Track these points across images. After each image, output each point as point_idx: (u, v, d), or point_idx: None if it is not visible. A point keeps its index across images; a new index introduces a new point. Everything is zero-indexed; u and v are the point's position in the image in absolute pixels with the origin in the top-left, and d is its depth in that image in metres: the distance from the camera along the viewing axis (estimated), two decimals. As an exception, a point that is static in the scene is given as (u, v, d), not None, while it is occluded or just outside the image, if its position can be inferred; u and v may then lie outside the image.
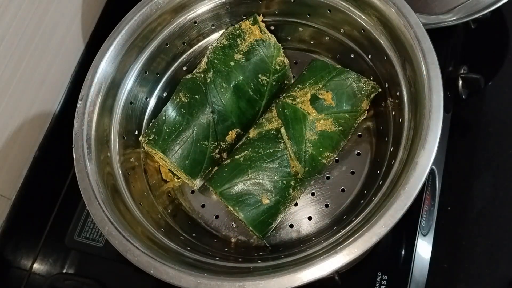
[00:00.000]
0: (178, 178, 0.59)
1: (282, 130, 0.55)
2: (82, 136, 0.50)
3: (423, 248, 0.55)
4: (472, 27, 0.65)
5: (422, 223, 0.55)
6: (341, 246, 0.41)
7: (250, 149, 0.55)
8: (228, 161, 0.55)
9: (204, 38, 0.63)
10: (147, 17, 0.55)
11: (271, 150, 0.54)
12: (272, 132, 0.55)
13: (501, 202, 0.59)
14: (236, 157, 0.55)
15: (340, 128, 0.55)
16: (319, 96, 0.56)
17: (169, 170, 0.59)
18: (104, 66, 0.53)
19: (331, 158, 0.56)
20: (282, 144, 0.54)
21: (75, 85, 0.69)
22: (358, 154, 0.58)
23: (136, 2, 0.55)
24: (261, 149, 0.55)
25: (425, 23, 0.48)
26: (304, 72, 0.58)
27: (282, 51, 0.61)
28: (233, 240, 0.56)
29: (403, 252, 0.54)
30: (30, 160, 0.64)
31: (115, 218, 0.46)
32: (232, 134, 0.59)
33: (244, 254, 0.54)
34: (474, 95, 0.63)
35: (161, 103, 0.60)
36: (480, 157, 0.61)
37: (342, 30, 0.58)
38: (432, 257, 0.55)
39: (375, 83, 0.56)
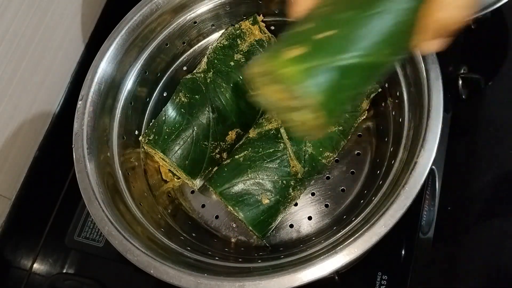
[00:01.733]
0: (178, 178, 0.59)
1: (282, 130, 0.55)
2: (82, 136, 0.50)
3: (423, 248, 0.55)
4: (472, 27, 0.65)
5: (422, 223, 0.55)
6: (341, 246, 0.41)
7: (250, 149, 0.55)
8: (228, 161, 0.55)
9: (204, 38, 0.63)
10: (147, 17, 0.55)
11: (271, 150, 0.54)
12: (272, 132, 0.55)
13: (501, 202, 0.59)
14: (236, 157, 0.55)
15: (339, 128, 0.55)
16: None
17: (169, 170, 0.59)
18: (104, 66, 0.53)
19: (331, 158, 0.56)
20: (282, 144, 0.54)
21: (75, 85, 0.69)
22: (358, 154, 0.58)
23: (136, 2, 0.55)
24: (261, 149, 0.55)
25: (425, 23, 0.48)
26: None
27: (282, 51, 0.60)
28: (233, 240, 0.56)
29: (403, 252, 0.54)
30: (30, 160, 0.64)
31: (115, 218, 0.46)
32: (232, 134, 0.59)
33: (244, 254, 0.54)
34: (474, 95, 0.63)
35: (161, 103, 0.60)
36: (480, 157, 0.61)
37: (342, 30, 0.58)
38: (432, 257, 0.55)
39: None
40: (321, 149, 0.54)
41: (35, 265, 0.61)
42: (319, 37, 0.31)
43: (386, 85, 0.55)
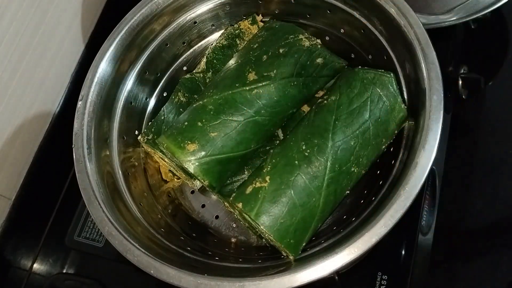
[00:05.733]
0: (178, 178, 0.59)
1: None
2: (82, 136, 0.50)
3: (423, 248, 0.55)
4: (472, 27, 0.65)
5: (422, 223, 0.55)
6: (341, 246, 0.41)
7: None
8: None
9: (204, 38, 0.63)
10: (147, 17, 0.55)
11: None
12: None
13: (501, 202, 0.59)
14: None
15: None
16: None
17: (169, 170, 0.59)
18: (104, 66, 0.53)
19: None
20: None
21: (75, 85, 0.69)
22: (358, 154, 0.57)
23: (136, 2, 0.55)
24: None
25: (425, 23, 0.48)
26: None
27: (282, 51, 0.60)
28: (233, 240, 0.56)
29: (403, 252, 0.54)
30: (30, 160, 0.64)
31: (115, 218, 0.46)
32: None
33: (244, 254, 0.54)
34: (474, 95, 0.63)
35: (161, 103, 0.60)
36: (480, 157, 0.61)
37: (342, 30, 0.58)
38: (432, 257, 0.55)
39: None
40: None
41: (35, 265, 0.61)
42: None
43: (386, 85, 0.55)
